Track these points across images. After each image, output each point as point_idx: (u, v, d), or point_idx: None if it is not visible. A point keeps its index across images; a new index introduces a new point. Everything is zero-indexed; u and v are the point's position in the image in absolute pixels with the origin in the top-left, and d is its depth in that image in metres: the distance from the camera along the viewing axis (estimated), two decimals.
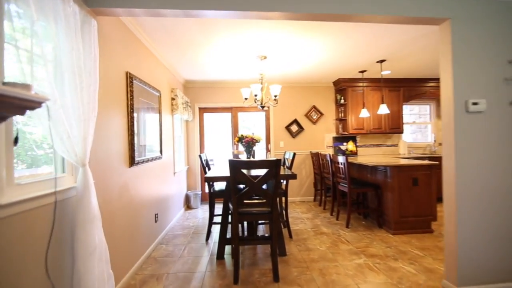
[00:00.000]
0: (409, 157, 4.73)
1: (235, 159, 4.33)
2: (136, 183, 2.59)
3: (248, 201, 2.25)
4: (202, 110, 5.19)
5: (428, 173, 3.41)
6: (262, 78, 3.55)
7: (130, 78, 2.43)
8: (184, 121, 4.98)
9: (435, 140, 5.40)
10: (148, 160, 2.86)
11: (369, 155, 5.29)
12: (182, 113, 4.27)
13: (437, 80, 5.12)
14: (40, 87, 1.30)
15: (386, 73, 4.57)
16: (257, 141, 3.30)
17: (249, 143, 3.27)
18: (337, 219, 3.96)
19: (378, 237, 3.26)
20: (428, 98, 5.57)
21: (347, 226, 3.61)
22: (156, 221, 3.12)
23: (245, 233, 3.25)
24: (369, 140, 5.40)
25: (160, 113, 3.32)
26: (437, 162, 3.41)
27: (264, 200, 2.25)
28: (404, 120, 5.19)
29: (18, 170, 1.35)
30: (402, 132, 5.12)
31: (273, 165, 2.17)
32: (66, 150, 1.43)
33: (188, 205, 4.86)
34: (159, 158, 3.26)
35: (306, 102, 5.28)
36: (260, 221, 3.35)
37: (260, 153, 5.33)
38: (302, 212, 4.43)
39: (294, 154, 3.23)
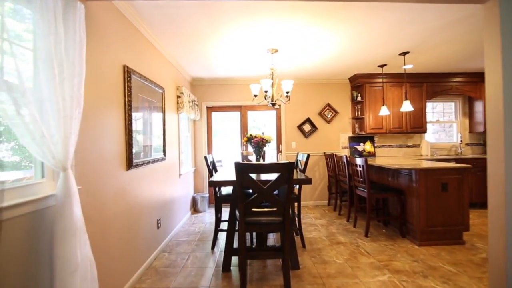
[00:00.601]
0: (433, 159, 4.33)
1: (243, 161, 4.08)
2: (135, 187, 2.38)
3: (257, 210, 1.99)
4: (210, 109, 4.97)
5: (459, 177, 3.04)
6: (272, 73, 3.28)
7: (127, 73, 2.22)
8: (191, 121, 4.77)
9: (461, 141, 4.96)
10: (149, 162, 2.64)
11: (388, 156, 4.91)
12: (188, 112, 4.06)
13: (464, 74, 4.69)
14: (6, 75, 1.08)
15: (408, 67, 4.20)
16: (267, 141, 3.03)
17: (259, 144, 3.00)
18: (354, 227, 3.63)
19: (402, 249, 2.92)
20: (454, 95, 5.13)
21: (366, 235, 3.29)
22: (158, 227, 2.90)
23: (254, 242, 2.99)
24: (388, 140, 5.03)
25: (163, 111, 3.11)
26: (469, 165, 3.03)
27: (275, 209, 1.99)
28: (427, 119, 4.79)
29: None
30: (425, 132, 4.72)
31: (286, 169, 1.90)
32: (40, 151, 1.21)
33: (195, 208, 4.65)
34: (162, 159, 3.05)
35: (320, 100, 4.97)
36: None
37: (270, 154, 5.06)
38: (315, 218, 4.13)
39: (308, 155, 2.94)
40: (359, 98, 4.74)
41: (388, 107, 4.46)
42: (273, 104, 3.29)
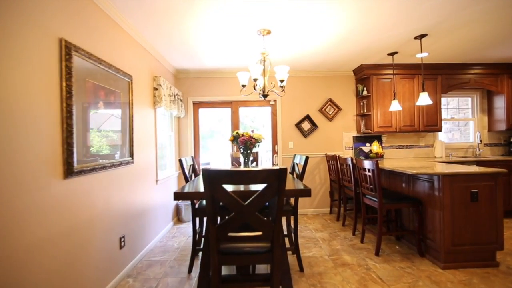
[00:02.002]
0: (449, 161, 3.78)
1: (232, 164, 3.51)
2: (82, 199, 1.82)
3: (235, 234, 1.44)
4: (197, 105, 4.42)
5: (491, 184, 2.48)
6: (264, 58, 2.73)
7: (66, 49, 1.67)
8: (175, 118, 4.22)
9: (480, 140, 4.40)
10: (105, 167, 2.09)
11: (399, 158, 4.36)
12: (169, 108, 3.51)
13: (484, 65, 4.14)
14: None
15: (423, 55, 3.65)
16: (256, 140, 2.48)
17: (246, 144, 2.45)
18: (361, 242, 3.07)
19: (423, 273, 2.36)
20: (471, 89, 4.58)
21: (377, 254, 2.73)
22: (122, 247, 2.35)
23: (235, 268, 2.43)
24: (397, 140, 4.47)
25: (130, 104, 2.56)
26: (504, 170, 2.48)
27: (260, 233, 1.43)
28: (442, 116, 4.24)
29: None
30: (440, 130, 4.17)
31: (274, 178, 1.34)
32: None
33: (178, 217, 4.09)
34: (129, 163, 2.49)
35: (321, 95, 4.42)
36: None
37: (265, 157, 4.50)
38: (316, 230, 3.57)
39: (307, 158, 2.39)
40: (365, 93, 4.19)
41: (398, 102, 3.91)
42: (265, 96, 2.74)
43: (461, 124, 4.82)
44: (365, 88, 4.22)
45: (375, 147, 4.18)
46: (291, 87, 4.36)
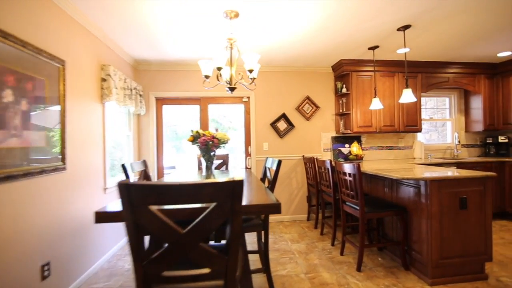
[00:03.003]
0: (429, 163, 3.60)
1: (199, 168, 3.07)
2: None
3: (173, 274, 1.03)
4: (160, 101, 3.92)
5: (480, 189, 2.26)
6: (231, 44, 2.33)
7: None
8: (134, 115, 3.70)
9: (459, 141, 4.30)
10: (13, 177, 1.58)
11: (378, 160, 4.14)
12: (123, 103, 3.00)
13: (462, 64, 4.03)
14: None
15: (404, 51, 3.43)
16: (220, 141, 2.08)
17: (207, 145, 2.04)
18: (341, 254, 2.76)
19: None
20: (449, 89, 4.48)
21: (358, 269, 2.42)
22: (45, 277, 1.83)
23: None
24: (377, 141, 4.26)
25: (62, 96, 2.05)
26: (494, 174, 2.26)
27: (208, 270, 1.03)
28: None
29: None
30: (419, 131, 4.00)
31: (225, 195, 0.95)
32: None
33: None
34: (57, 169, 1.98)
35: (298, 92, 4.10)
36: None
37: (239, 160, 4.10)
38: (292, 240, 3.22)
39: (279, 162, 2.02)
40: (344, 90, 3.92)
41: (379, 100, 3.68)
42: (232, 89, 2.34)
43: (439, 124, 4.72)
44: (344, 86, 3.95)
45: (355, 148, 3.93)
46: (266, 83, 4.00)
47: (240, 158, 4.11)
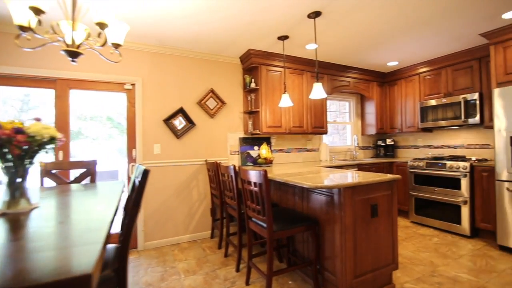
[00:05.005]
0: (334, 166, 3.52)
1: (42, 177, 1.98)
2: None
3: None
4: None
5: (388, 193, 2.10)
6: None
7: None
8: None
9: (358, 144, 4.50)
10: None
11: (288, 163, 3.87)
12: None
13: (360, 70, 4.22)
14: None
15: (313, 47, 3.22)
16: (36, 140, 1.15)
17: (6, 144, 1.08)
18: (247, 283, 2.19)
19: None
20: (349, 93, 4.69)
21: None
22: None
23: None
24: (286, 143, 3.99)
25: None
26: (398, 176, 2.14)
27: None
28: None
29: None
30: (326, 133, 3.93)
31: None
32: None
33: None
34: None
35: (200, 84, 3.40)
36: None
37: (121, 169, 3.06)
38: (187, 271, 2.46)
39: (146, 172, 1.26)
40: (253, 85, 3.47)
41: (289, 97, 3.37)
42: (72, 55, 1.43)
43: (340, 127, 4.90)
44: (253, 80, 3.50)
45: (264, 151, 3.51)
46: (158, 67, 3.14)
47: (122, 166, 3.09)
